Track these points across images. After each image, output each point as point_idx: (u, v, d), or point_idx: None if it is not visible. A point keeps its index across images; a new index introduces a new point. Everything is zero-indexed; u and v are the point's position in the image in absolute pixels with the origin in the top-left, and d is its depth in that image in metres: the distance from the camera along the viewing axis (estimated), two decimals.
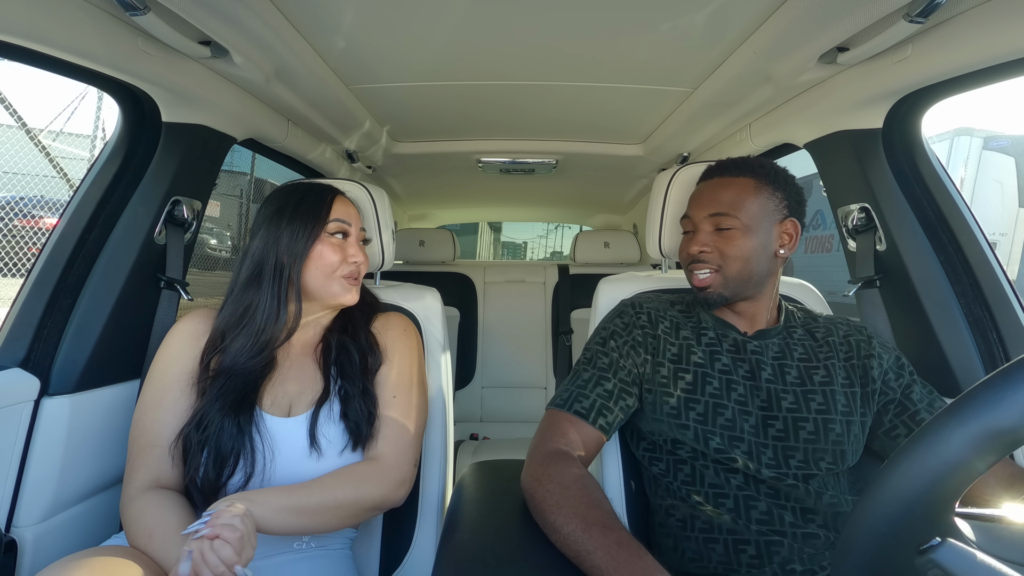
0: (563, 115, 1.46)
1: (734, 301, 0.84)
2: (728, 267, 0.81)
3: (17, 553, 0.83)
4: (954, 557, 0.37)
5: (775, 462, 0.76)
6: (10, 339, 0.90)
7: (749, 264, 0.81)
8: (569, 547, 0.62)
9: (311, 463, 0.78)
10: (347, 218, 0.87)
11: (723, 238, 0.82)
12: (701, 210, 0.84)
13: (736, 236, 0.81)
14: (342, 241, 0.87)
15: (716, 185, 0.84)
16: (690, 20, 0.91)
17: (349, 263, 0.86)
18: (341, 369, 0.84)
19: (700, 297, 0.85)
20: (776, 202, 0.82)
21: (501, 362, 2.38)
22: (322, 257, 0.84)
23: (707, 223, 0.83)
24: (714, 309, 0.87)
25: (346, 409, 0.81)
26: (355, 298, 0.88)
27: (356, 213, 0.91)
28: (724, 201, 0.82)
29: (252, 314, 0.82)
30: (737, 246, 0.80)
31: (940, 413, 0.39)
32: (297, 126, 1.41)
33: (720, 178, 0.85)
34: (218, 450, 0.75)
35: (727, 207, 0.81)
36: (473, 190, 2.49)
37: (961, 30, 0.76)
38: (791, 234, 0.83)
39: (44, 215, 4.52)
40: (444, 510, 0.96)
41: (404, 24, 0.96)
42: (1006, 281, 0.92)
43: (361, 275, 0.89)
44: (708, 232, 0.83)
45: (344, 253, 0.86)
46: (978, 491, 0.70)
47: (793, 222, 0.83)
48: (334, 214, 0.86)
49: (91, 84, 0.94)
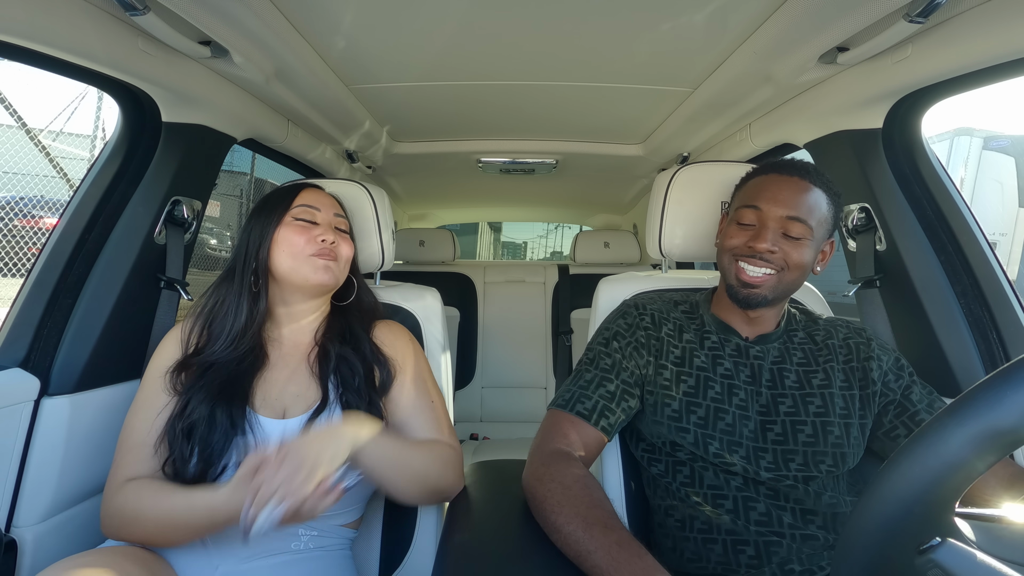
0: (563, 115, 1.46)
1: (764, 306, 0.81)
2: (787, 274, 0.79)
3: (17, 553, 0.83)
4: (954, 557, 0.37)
5: (774, 465, 0.76)
6: (10, 339, 0.90)
7: (803, 276, 0.80)
8: (569, 547, 0.62)
9: None
10: (314, 203, 0.88)
11: (793, 244, 0.78)
12: (779, 208, 0.78)
13: (806, 246, 0.78)
14: (308, 224, 0.86)
15: (798, 187, 0.78)
16: (690, 20, 0.91)
17: (316, 241, 0.84)
18: (343, 381, 0.83)
19: (742, 295, 0.80)
20: (832, 220, 0.81)
21: (501, 362, 2.38)
22: (287, 240, 0.84)
23: (779, 223, 0.78)
24: (752, 309, 0.82)
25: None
26: (330, 279, 0.85)
27: (331, 203, 0.91)
28: (804, 206, 0.77)
29: (224, 303, 0.85)
30: (804, 255, 0.78)
31: (940, 413, 0.39)
32: (297, 126, 1.41)
33: (802, 180, 0.79)
34: (210, 444, 0.74)
35: (806, 214, 0.77)
36: (473, 190, 2.49)
37: (961, 30, 0.76)
38: (826, 253, 0.83)
39: (44, 215, 4.52)
40: (444, 510, 0.96)
41: (404, 24, 0.96)
42: (1006, 281, 0.92)
43: (340, 258, 0.87)
44: (777, 231, 0.78)
45: (310, 233, 0.85)
46: (978, 491, 0.70)
47: (832, 243, 0.84)
48: (299, 201, 0.88)
49: (91, 84, 0.94)
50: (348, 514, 0.85)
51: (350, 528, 0.86)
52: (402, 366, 0.89)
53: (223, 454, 0.75)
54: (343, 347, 0.86)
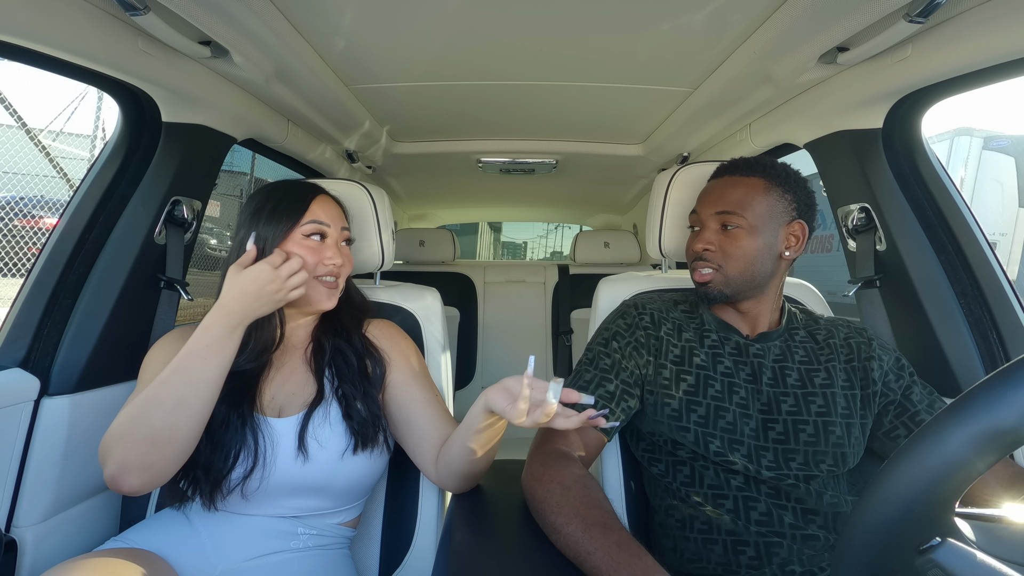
0: (563, 115, 1.46)
1: (736, 300, 0.84)
2: (730, 267, 0.81)
3: (17, 553, 0.83)
4: (954, 557, 0.37)
5: (775, 464, 0.75)
6: (10, 339, 0.90)
7: (752, 265, 0.81)
8: (569, 547, 0.62)
9: (297, 466, 0.77)
10: (326, 219, 0.84)
11: (728, 237, 0.81)
12: (708, 207, 0.84)
13: (741, 236, 0.80)
14: (319, 243, 0.83)
15: (726, 184, 0.84)
16: (690, 20, 0.91)
17: (326, 264, 0.82)
18: (338, 372, 0.84)
19: (701, 292, 0.85)
20: (785, 204, 0.81)
21: (501, 362, 2.38)
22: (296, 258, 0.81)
23: (713, 221, 0.83)
24: (714, 305, 0.86)
25: (348, 410, 0.81)
26: (334, 304, 0.85)
27: (339, 213, 0.87)
28: (732, 200, 0.81)
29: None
30: (741, 246, 0.80)
31: (940, 413, 0.39)
32: (297, 126, 1.41)
33: (730, 177, 0.84)
34: (223, 442, 0.75)
35: (734, 206, 0.81)
36: (473, 190, 2.49)
37: (961, 30, 0.76)
38: (798, 236, 0.83)
39: (44, 215, 4.52)
40: (444, 510, 0.96)
41: (404, 24, 0.96)
42: (1006, 281, 0.92)
43: (342, 278, 0.86)
44: (714, 230, 0.83)
45: (320, 256, 0.82)
46: (978, 491, 0.70)
47: (801, 224, 0.83)
48: (311, 215, 0.82)
49: (91, 84, 0.94)
50: (346, 513, 0.85)
51: (348, 527, 0.86)
52: (400, 361, 0.89)
53: (231, 450, 0.75)
54: (337, 339, 0.87)
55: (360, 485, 0.83)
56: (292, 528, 0.79)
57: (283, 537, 0.79)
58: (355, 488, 0.83)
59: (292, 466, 0.77)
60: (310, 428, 0.79)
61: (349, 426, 0.80)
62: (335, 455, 0.79)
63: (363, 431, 0.80)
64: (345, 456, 0.79)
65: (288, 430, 0.78)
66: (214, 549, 0.76)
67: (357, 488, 0.83)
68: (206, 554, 0.75)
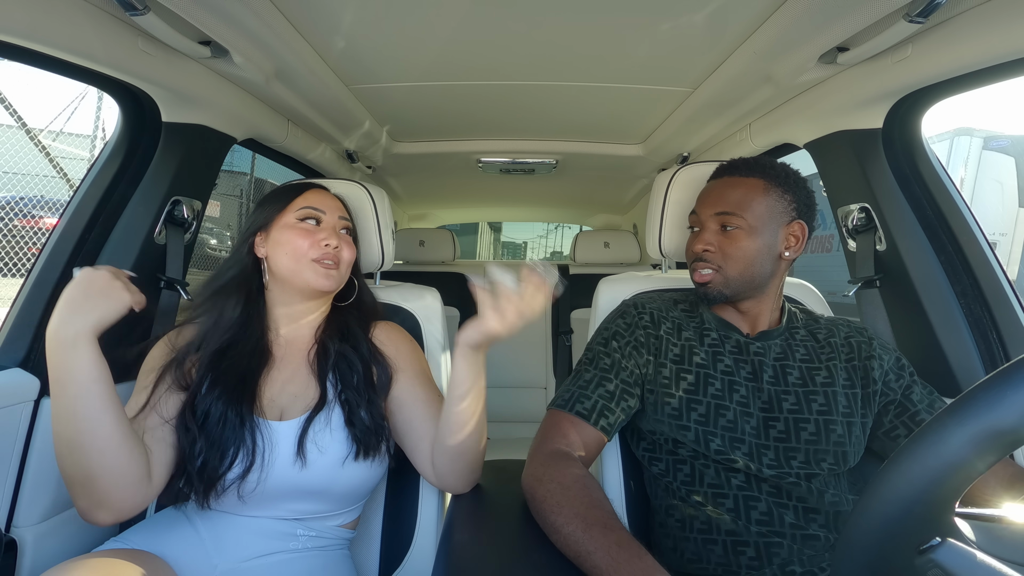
0: (563, 115, 1.46)
1: (736, 300, 0.84)
2: (729, 267, 0.81)
3: (17, 553, 0.83)
4: (954, 557, 0.37)
5: (776, 462, 0.76)
6: (10, 339, 0.90)
7: (752, 265, 0.81)
8: (569, 547, 0.62)
9: (295, 470, 0.76)
10: (320, 206, 0.86)
11: (727, 238, 0.81)
12: (708, 208, 0.84)
13: (740, 236, 0.81)
14: (313, 227, 0.85)
15: (725, 184, 0.84)
16: (690, 20, 0.91)
17: (320, 246, 0.83)
18: (342, 377, 0.83)
19: (700, 292, 0.85)
20: (784, 204, 0.82)
21: (501, 362, 2.38)
22: (290, 242, 0.82)
23: (713, 221, 0.83)
24: (714, 305, 0.86)
25: (351, 416, 0.80)
26: (331, 285, 0.84)
27: (337, 205, 0.89)
28: (731, 200, 0.82)
29: (227, 290, 0.84)
30: (740, 247, 0.80)
31: (940, 413, 0.39)
32: (297, 126, 1.41)
33: (730, 177, 0.84)
34: (220, 440, 0.74)
35: (733, 207, 0.81)
36: (473, 190, 2.49)
37: (961, 30, 0.76)
38: (798, 236, 0.83)
39: (44, 215, 4.52)
40: (444, 510, 0.96)
41: (404, 24, 0.96)
42: (1006, 281, 0.92)
43: (341, 263, 0.86)
44: (713, 231, 0.83)
45: (314, 237, 0.83)
46: (978, 491, 0.70)
47: (800, 224, 0.83)
48: (303, 202, 0.86)
49: (91, 84, 0.94)
50: (346, 515, 0.85)
51: (347, 528, 0.86)
52: (405, 365, 0.88)
53: (227, 450, 0.74)
54: (342, 344, 0.86)
55: (360, 490, 0.83)
56: (291, 529, 0.79)
57: (282, 538, 0.79)
58: (354, 493, 0.82)
59: (290, 470, 0.76)
60: (311, 433, 0.78)
61: (351, 433, 0.79)
62: (335, 461, 0.78)
63: (365, 439, 0.79)
64: (346, 463, 0.78)
65: (288, 434, 0.78)
66: (214, 549, 0.75)
67: (356, 493, 0.83)
68: (206, 554, 0.75)
